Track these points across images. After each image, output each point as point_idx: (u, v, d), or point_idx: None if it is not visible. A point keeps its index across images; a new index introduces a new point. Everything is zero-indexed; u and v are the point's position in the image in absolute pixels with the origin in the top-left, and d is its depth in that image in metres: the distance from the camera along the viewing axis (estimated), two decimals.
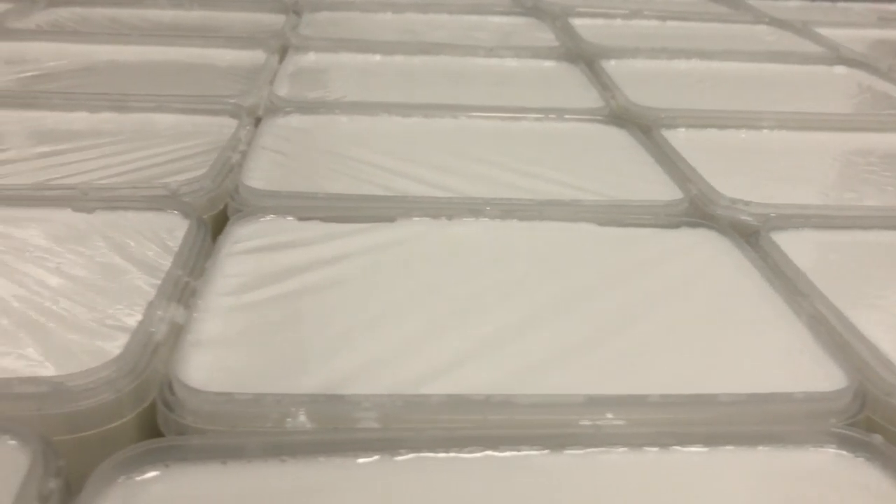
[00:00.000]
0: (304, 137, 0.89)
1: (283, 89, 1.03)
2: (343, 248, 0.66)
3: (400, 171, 0.82)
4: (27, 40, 1.19)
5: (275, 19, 1.42)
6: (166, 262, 0.63)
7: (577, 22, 1.43)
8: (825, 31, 1.47)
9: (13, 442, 0.42)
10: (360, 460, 0.45)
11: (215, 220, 0.74)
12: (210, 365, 0.50)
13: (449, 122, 0.97)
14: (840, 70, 1.26)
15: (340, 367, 0.52)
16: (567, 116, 0.99)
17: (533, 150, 0.90)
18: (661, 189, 0.81)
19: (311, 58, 1.19)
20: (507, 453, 0.46)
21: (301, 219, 0.70)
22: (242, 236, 0.66)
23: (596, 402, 0.49)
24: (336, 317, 0.57)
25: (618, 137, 0.96)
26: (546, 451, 0.46)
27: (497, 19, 1.48)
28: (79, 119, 0.94)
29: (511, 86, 1.13)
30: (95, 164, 0.81)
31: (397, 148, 0.88)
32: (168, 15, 1.44)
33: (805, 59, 1.29)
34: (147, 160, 0.83)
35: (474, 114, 0.98)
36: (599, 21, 1.49)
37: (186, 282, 0.60)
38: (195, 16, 1.44)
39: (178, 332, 0.54)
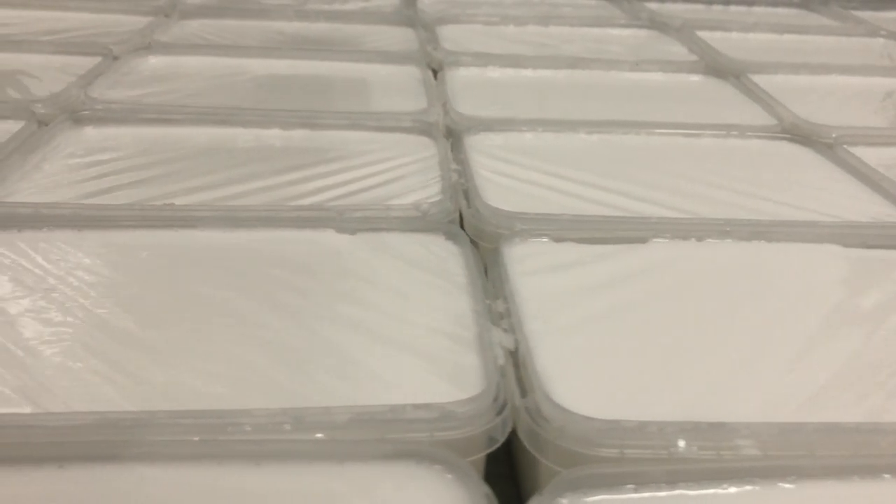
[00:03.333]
0: (504, 155, 0.90)
1: (459, 106, 1.03)
2: (618, 269, 0.67)
3: (611, 189, 0.83)
4: (181, 54, 1.20)
5: (401, 32, 1.43)
6: (458, 285, 0.64)
7: (702, 35, 1.43)
8: None
9: (450, 476, 0.43)
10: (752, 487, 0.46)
11: None
12: (573, 390, 0.51)
13: (633, 139, 0.98)
14: None
15: (687, 390, 0.53)
16: (749, 133, 1.00)
17: (727, 167, 0.91)
18: (880, 209, 0.82)
19: (463, 73, 1.20)
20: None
21: (556, 240, 0.71)
22: (517, 258, 0.67)
23: None
24: (654, 338, 0.59)
25: (803, 155, 0.97)
26: None
27: (618, 32, 1.49)
28: (272, 136, 0.95)
29: (669, 101, 1.14)
30: (316, 185, 0.82)
31: (594, 165, 0.90)
32: (293, 26, 1.45)
33: None
34: (365, 180, 0.84)
35: (656, 130, 0.99)
36: (718, 34, 1.49)
37: (488, 304, 0.61)
38: (321, 27, 1.45)
39: (513, 358, 0.55)
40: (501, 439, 0.50)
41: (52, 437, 0.45)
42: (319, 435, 0.47)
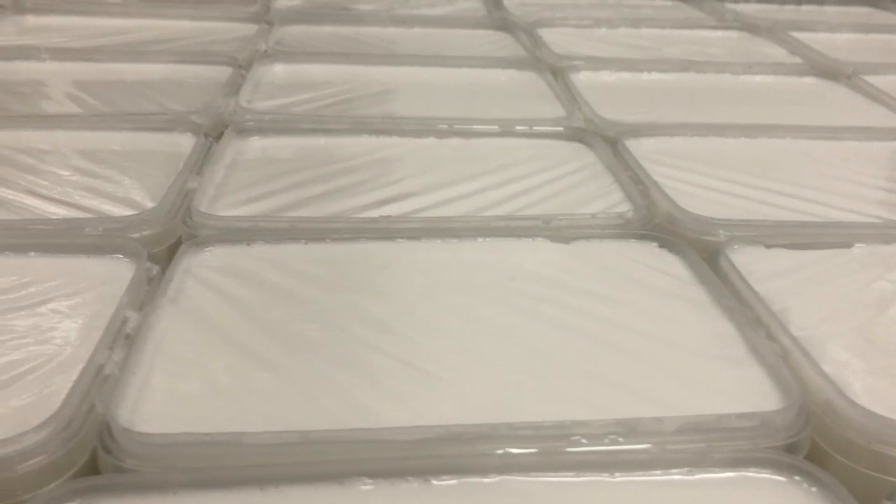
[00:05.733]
0: (664, 160, 0.91)
1: (600, 110, 1.04)
2: (841, 273, 0.69)
3: (785, 193, 0.85)
4: (303, 62, 1.21)
5: (499, 36, 1.44)
6: (696, 292, 0.65)
7: (799, 36, 1.45)
8: None
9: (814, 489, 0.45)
10: None
11: None
12: (864, 395, 0.53)
13: (778, 143, 1.00)
14: None
15: None
16: (890, 137, 1.02)
17: (884, 170, 0.93)
18: None
19: (582, 77, 1.21)
20: None
21: (767, 247, 0.73)
22: (743, 265, 0.69)
23: None
24: None
25: None
26: None
27: (709, 33, 1.51)
28: (429, 145, 0.96)
29: (792, 104, 1.16)
30: (496, 194, 0.83)
31: (755, 168, 0.91)
32: (390, 32, 1.45)
33: None
34: (541, 189, 0.85)
35: (801, 134, 1.01)
36: (807, 34, 1.51)
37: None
38: (417, 33, 1.45)
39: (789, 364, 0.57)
40: (805, 449, 0.51)
41: (410, 450, 0.46)
42: (648, 445, 0.48)
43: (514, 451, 0.46)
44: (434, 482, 0.45)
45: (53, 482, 0.46)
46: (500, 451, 0.46)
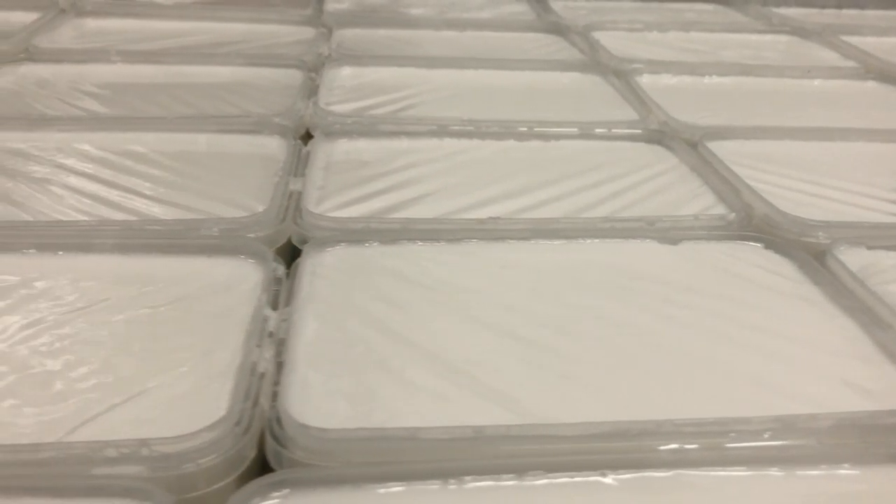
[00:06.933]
0: (747, 162, 0.93)
1: (677, 113, 1.06)
2: None
3: (868, 195, 0.87)
4: (367, 65, 1.22)
5: (553, 40, 1.45)
6: (809, 292, 0.67)
7: (848, 40, 1.46)
8: None
9: None
10: None
11: None
12: None
13: (851, 146, 1.01)
14: None
15: None
16: None
17: None
18: None
19: (645, 81, 1.22)
20: None
21: (869, 247, 0.74)
22: (851, 265, 0.70)
23: None
24: None
25: None
26: None
27: (758, 38, 1.52)
28: (510, 147, 0.97)
29: (856, 107, 1.17)
30: (590, 196, 0.83)
31: (832, 171, 0.92)
32: (443, 36, 1.46)
33: None
34: (632, 191, 0.85)
35: (873, 137, 1.02)
36: (855, 38, 1.52)
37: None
38: (470, 36, 1.47)
39: None
40: None
41: (580, 445, 0.47)
42: (804, 441, 0.49)
43: (687, 446, 0.47)
44: (611, 475, 0.46)
45: (229, 476, 0.47)
46: (671, 447, 0.47)
